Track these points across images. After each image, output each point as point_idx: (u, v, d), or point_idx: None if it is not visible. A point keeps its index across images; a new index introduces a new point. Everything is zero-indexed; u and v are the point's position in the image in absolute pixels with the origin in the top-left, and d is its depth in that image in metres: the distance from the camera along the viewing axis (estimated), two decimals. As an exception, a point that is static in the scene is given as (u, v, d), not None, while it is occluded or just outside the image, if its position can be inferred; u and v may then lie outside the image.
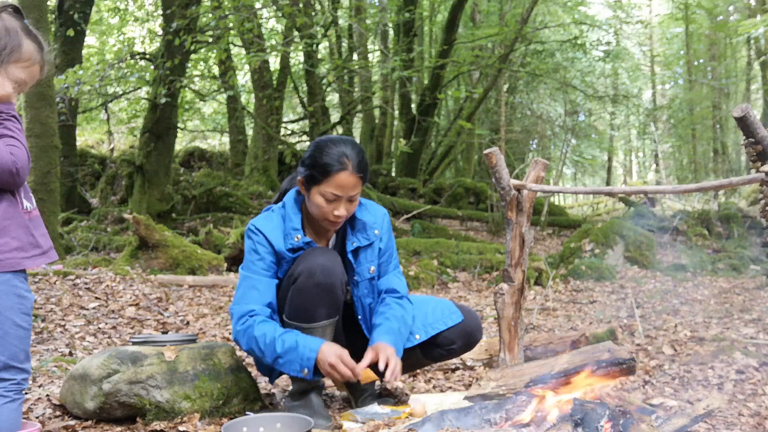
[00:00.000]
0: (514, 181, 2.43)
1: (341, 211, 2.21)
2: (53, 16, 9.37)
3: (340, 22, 11.13)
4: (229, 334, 3.93)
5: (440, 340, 2.42)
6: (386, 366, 2.15)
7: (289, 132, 14.20)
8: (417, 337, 2.39)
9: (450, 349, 2.45)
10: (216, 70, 12.51)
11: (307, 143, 12.55)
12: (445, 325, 2.39)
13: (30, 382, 2.64)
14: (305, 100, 12.21)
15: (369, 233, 2.35)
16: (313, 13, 9.57)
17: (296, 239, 2.24)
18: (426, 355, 2.47)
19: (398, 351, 2.23)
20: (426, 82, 12.87)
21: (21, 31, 1.75)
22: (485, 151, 2.41)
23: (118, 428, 2.18)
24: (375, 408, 2.30)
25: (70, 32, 8.61)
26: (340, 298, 2.22)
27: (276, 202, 2.44)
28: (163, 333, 2.53)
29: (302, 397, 2.29)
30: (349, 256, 2.33)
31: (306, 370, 2.12)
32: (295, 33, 8.85)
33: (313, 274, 2.14)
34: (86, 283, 4.71)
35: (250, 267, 2.27)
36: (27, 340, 1.73)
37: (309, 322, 2.18)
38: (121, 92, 10.76)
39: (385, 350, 2.18)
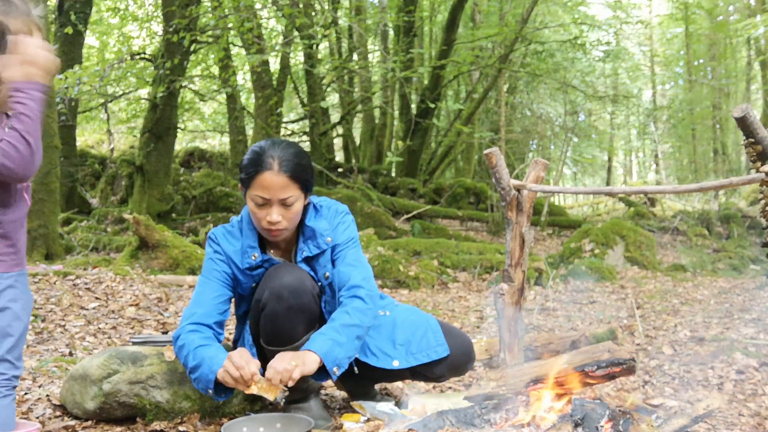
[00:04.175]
0: (514, 181, 2.43)
1: (273, 217, 2.03)
2: (53, 16, 9.38)
3: (340, 22, 11.13)
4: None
5: (426, 372, 2.28)
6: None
7: (289, 132, 14.19)
8: (396, 363, 2.22)
9: (438, 379, 2.36)
10: (216, 70, 12.51)
11: (308, 143, 12.55)
12: (429, 357, 2.23)
13: (30, 382, 2.64)
14: (305, 100, 12.21)
15: (319, 242, 2.19)
16: (313, 14, 9.57)
17: (253, 258, 2.14)
18: (414, 377, 2.37)
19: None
20: (426, 82, 12.87)
21: None
22: (485, 152, 2.40)
23: (118, 428, 2.18)
24: (385, 407, 2.29)
25: (68, 30, 8.60)
26: (315, 311, 2.14)
27: None
28: (163, 333, 2.53)
29: (302, 398, 2.29)
30: (301, 265, 2.19)
31: (210, 391, 1.96)
32: (295, 33, 8.85)
33: (282, 298, 2.03)
34: (86, 283, 4.71)
35: (205, 273, 2.18)
36: (22, 339, 1.73)
37: (290, 343, 2.09)
38: (121, 92, 10.76)
39: (283, 360, 1.92)
